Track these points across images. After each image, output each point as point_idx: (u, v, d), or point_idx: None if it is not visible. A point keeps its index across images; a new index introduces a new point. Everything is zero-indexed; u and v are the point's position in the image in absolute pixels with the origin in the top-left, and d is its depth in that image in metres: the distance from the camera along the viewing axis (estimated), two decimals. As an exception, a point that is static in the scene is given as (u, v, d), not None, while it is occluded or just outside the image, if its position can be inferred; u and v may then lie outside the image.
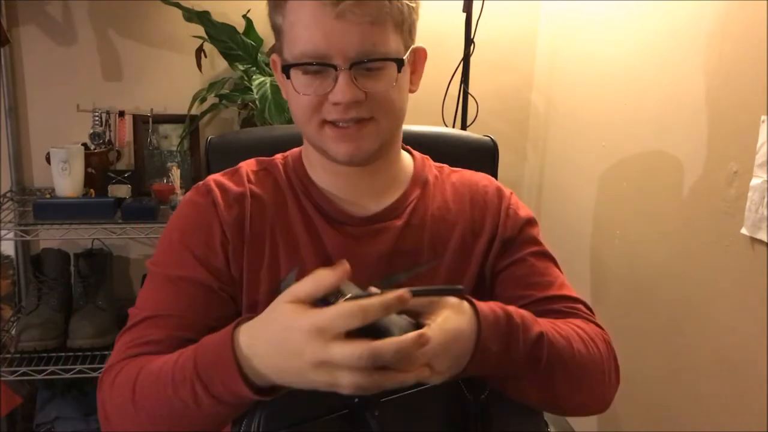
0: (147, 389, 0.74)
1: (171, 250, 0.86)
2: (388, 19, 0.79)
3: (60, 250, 1.77)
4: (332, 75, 0.78)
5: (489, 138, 1.21)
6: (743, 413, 1.22)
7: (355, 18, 0.76)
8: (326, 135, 0.82)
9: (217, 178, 0.90)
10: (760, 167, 1.15)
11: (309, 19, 0.77)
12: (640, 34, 1.53)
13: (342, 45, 0.77)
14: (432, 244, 0.91)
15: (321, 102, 0.80)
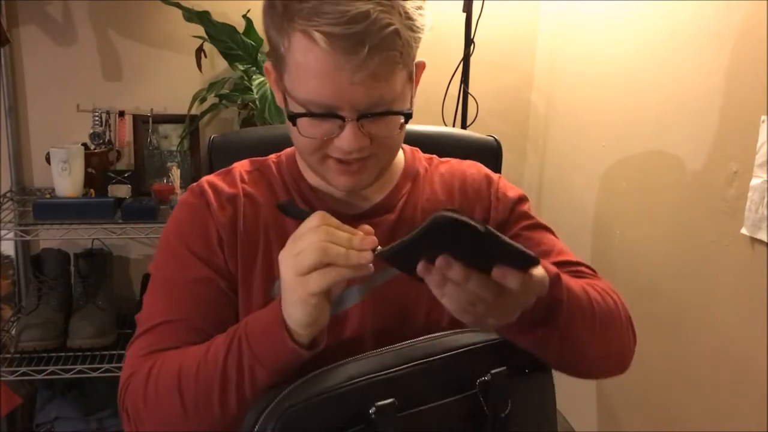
0: (193, 379, 0.74)
1: (172, 253, 0.86)
2: (399, 67, 0.76)
3: (60, 250, 1.77)
4: (337, 121, 0.76)
5: (492, 138, 1.22)
6: (743, 413, 1.22)
7: (368, 72, 0.72)
8: (328, 167, 0.82)
9: (210, 179, 0.90)
10: (760, 167, 1.15)
11: (321, 67, 0.72)
12: (640, 34, 1.53)
13: (352, 99, 0.74)
14: None
15: (325, 143, 0.79)
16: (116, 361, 1.63)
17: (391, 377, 0.72)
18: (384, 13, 0.71)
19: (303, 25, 0.71)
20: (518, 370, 0.76)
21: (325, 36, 0.70)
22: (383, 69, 0.73)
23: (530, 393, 0.77)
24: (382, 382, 0.71)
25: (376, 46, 0.71)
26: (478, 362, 0.76)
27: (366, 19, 0.70)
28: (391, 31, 0.72)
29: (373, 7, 0.71)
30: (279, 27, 0.75)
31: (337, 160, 0.80)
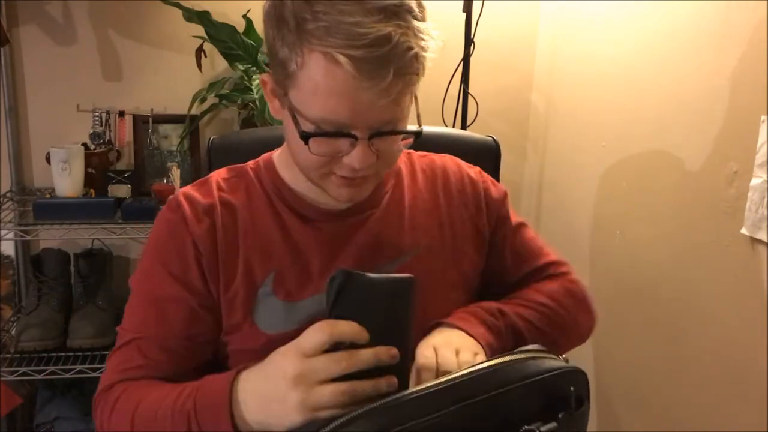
0: (146, 423, 0.77)
1: (150, 269, 0.86)
2: (414, 88, 0.77)
3: (60, 250, 1.77)
4: (349, 140, 0.76)
5: (491, 138, 1.22)
6: (743, 413, 1.22)
7: (388, 95, 0.72)
8: (330, 181, 0.81)
9: (186, 191, 0.89)
10: (760, 167, 1.15)
11: (342, 88, 0.71)
12: (640, 34, 1.53)
13: (368, 119, 0.74)
14: (412, 232, 0.92)
15: (333, 159, 0.78)
16: (116, 361, 1.62)
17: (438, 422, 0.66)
18: (404, 36, 0.71)
19: (323, 46, 0.70)
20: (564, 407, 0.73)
21: (350, 59, 0.69)
22: (402, 91, 0.74)
23: (573, 426, 0.74)
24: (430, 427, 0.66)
25: (399, 70, 0.71)
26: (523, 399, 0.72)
27: (389, 42, 0.69)
28: (412, 54, 0.72)
29: (394, 29, 0.70)
30: (291, 43, 0.73)
31: (341, 175, 0.79)
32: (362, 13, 0.69)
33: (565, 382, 0.74)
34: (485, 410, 0.69)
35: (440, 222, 0.94)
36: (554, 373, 0.73)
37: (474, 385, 0.71)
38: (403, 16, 0.71)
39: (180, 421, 0.74)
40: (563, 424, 0.72)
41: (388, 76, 0.70)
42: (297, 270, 0.86)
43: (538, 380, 0.72)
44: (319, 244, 0.87)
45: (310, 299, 0.85)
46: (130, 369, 0.83)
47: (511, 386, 0.71)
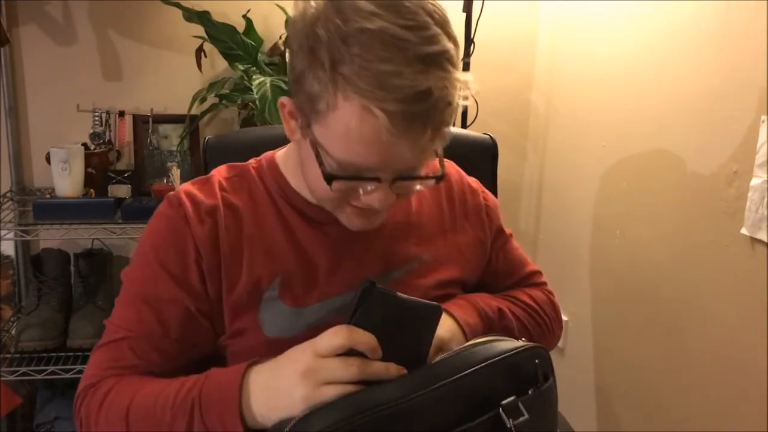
0: (143, 415, 0.75)
1: (144, 265, 0.83)
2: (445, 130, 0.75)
3: (60, 250, 1.77)
4: (371, 182, 0.74)
5: (488, 136, 1.21)
6: (743, 413, 1.22)
7: (423, 149, 0.71)
8: (344, 211, 0.80)
9: (188, 189, 0.86)
10: (760, 167, 1.15)
11: (372, 138, 0.68)
12: (640, 34, 1.53)
13: (396, 167, 0.72)
14: (418, 240, 0.91)
15: (351, 194, 0.77)
16: (116, 361, 1.62)
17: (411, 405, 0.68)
18: (444, 90, 0.68)
19: (360, 96, 0.67)
20: (532, 384, 0.75)
21: (387, 114, 0.66)
22: (435, 143, 0.73)
23: (543, 402, 0.76)
24: (405, 411, 0.67)
25: (437, 126, 0.70)
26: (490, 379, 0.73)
27: (429, 98, 0.67)
28: (451, 108, 0.71)
29: (434, 83, 0.67)
30: (323, 82, 0.69)
31: (357, 207, 0.78)
32: (402, 61, 0.66)
33: (528, 358, 0.76)
34: (454, 392, 0.71)
35: (444, 230, 0.94)
36: (517, 352, 0.76)
37: (439, 369, 0.73)
38: (443, 65, 0.69)
39: (182, 411, 0.72)
40: (534, 401, 0.74)
41: (426, 133, 0.69)
42: (303, 273, 0.84)
43: (502, 359, 0.74)
44: (325, 248, 0.85)
45: (318, 305, 0.84)
46: (120, 367, 0.80)
47: (477, 367, 0.73)
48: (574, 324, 1.84)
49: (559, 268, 1.92)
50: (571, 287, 1.83)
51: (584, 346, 1.78)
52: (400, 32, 0.66)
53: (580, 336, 1.80)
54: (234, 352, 0.85)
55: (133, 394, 0.76)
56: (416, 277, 0.89)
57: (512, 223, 1.01)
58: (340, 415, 0.65)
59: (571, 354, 1.84)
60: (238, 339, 0.83)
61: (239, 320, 0.82)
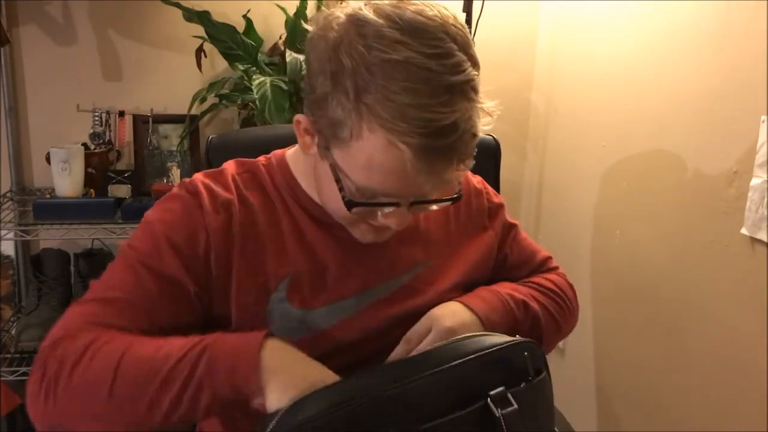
0: (137, 364, 0.69)
1: (151, 238, 0.80)
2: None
3: (60, 250, 1.77)
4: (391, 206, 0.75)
5: (491, 137, 1.22)
6: (743, 413, 1.22)
7: (445, 182, 0.72)
8: (358, 227, 0.81)
9: (203, 180, 0.84)
10: (760, 167, 1.15)
11: (397, 169, 0.68)
12: (640, 34, 1.53)
13: (415, 192, 0.73)
14: (425, 244, 0.92)
15: (368, 215, 0.77)
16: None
17: (399, 392, 0.68)
18: (469, 122, 0.69)
19: (385, 130, 0.66)
20: (523, 378, 0.76)
21: (412, 149, 0.66)
22: (460, 174, 0.73)
23: (535, 396, 0.77)
24: (392, 398, 0.68)
25: (462, 158, 0.70)
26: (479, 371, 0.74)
27: (454, 132, 0.67)
28: (476, 140, 0.71)
29: (460, 115, 0.67)
30: (347, 110, 0.68)
31: (372, 225, 0.79)
32: (428, 93, 0.66)
33: (518, 352, 0.76)
34: (443, 382, 0.71)
35: (450, 233, 0.94)
36: (506, 345, 0.76)
37: (427, 358, 0.73)
38: (468, 94, 0.69)
39: (187, 359, 0.68)
40: (525, 394, 0.74)
41: (451, 167, 0.70)
42: (312, 276, 0.83)
43: (491, 352, 0.74)
44: (333, 250, 0.85)
45: (325, 308, 0.83)
46: (105, 324, 0.74)
47: (466, 358, 0.72)
48: (574, 324, 1.84)
49: (559, 268, 1.92)
50: (571, 287, 1.83)
51: (584, 346, 1.78)
52: (425, 62, 0.66)
53: (580, 336, 1.80)
54: None
55: (129, 344, 0.71)
56: (423, 282, 0.89)
57: (512, 223, 1.03)
58: (328, 402, 0.65)
59: (571, 354, 1.84)
60: None
61: (246, 319, 0.81)
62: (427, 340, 0.82)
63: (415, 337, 0.83)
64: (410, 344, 0.83)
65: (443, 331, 0.82)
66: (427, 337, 0.82)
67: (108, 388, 0.69)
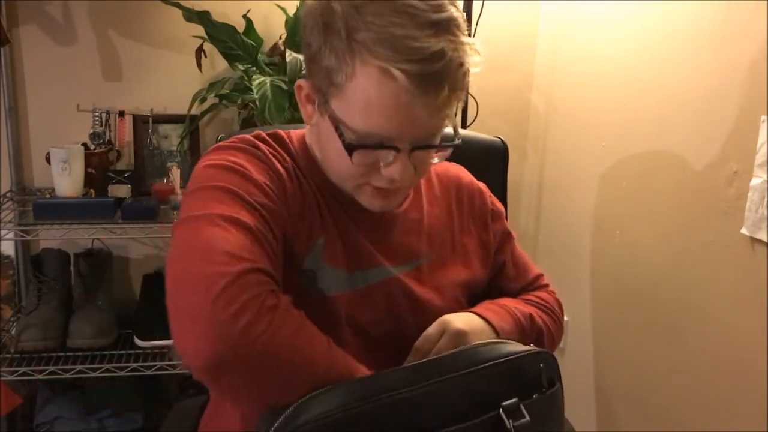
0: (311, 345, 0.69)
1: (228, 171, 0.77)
2: (460, 103, 0.78)
3: (60, 250, 1.77)
4: (390, 152, 0.76)
5: (499, 139, 1.22)
6: (743, 413, 1.22)
7: (442, 112, 0.74)
8: (364, 191, 0.82)
9: (251, 140, 0.83)
10: (760, 167, 1.15)
11: (392, 102, 0.71)
12: (640, 34, 1.53)
13: (414, 134, 0.75)
14: (429, 239, 0.93)
15: (371, 170, 0.79)
16: (116, 361, 1.62)
17: (411, 396, 0.68)
18: (456, 52, 0.72)
19: (378, 59, 0.69)
20: (536, 389, 0.75)
21: (406, 75, 0.69)
22: (452, 107, 0.75)
23: (548, 407, 0.77)
24: (403, 402, 0.68)
25: (453, 86, 0.72)
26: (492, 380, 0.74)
27: (443, 57, 0.70)
28: (464, 70, 0.73)
29: (446, 45, 0.70)
30: (340, 53, 0.72)
31: (376, 186, 0.80)
32: (414, 26, 0.70)
33: (533, 363, 0.76)
34: (456, 389, 0.71)
35: (452, 231, 0.96)
36: (521, 355, 0.76)
37: (441, 364, 0.73)
38: (452, 30, 0.72)
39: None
40: (537, 405, 0.74)
41: (443, 91, 0.71)
42: (337, 242, 0.85)
43: (506, 361, 0.74)
44: (349, 229, 0.87)
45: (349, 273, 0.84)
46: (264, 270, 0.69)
47: (479, 366, 0.72)
48: (574, 324, 1.84)
49: (559, 269, 1.92)
50: (571, 287, 1.83)
51: (584, 346, 1.78)
52: (410, 2, 0.71)
53: (580, 336, 1.80)
54: None
55: (330, 353, 0.70)
56: (424, 274, 0.91)
57: (512, 223, 1.01)
58: (337, 402, 0.65)
59: (571, 354, 1.84)
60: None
61: (288, 259, 0.80)
62: (440, 343, 0.83)
63: (427, 344, 0.84)
64: (422, 350, 0.83)
65: (454, 333, 0.83)
66: (439, 342, 0.83)
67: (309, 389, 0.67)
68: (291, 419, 0.65)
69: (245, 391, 0.67)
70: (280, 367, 0.65)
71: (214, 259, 0.66)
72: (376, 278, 0.87)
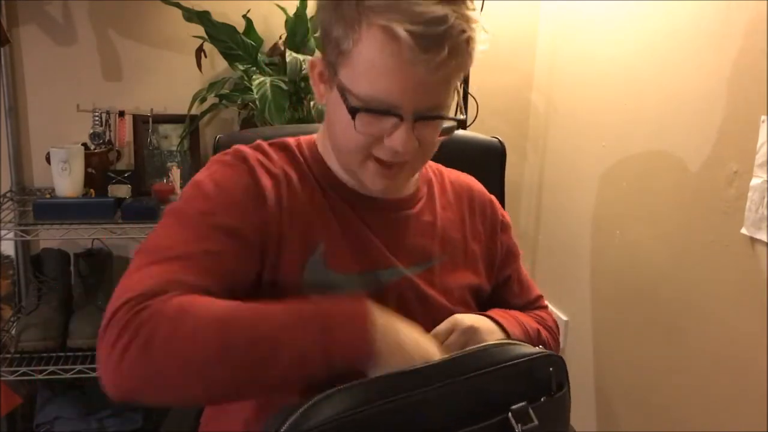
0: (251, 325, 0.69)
1: (205, 199, 0.80)
2: (462, 75, 0.80)
3: (60, 250, 1.77)
4: (394, 120, 0.77)
5: (497, 140, 1.22)
6: (743, 413, 1.22)
7: (437, 71, 0.75)
8: (368, 168, 0.83)
9: (245, 149, 0.86)
10: (760, 167, 1.15)
11: (394, 62, 0.74)
12: (640, 34, 1.53)
13: (416, 99, 0.76)
14: (441, 241, 0.94)
15: (374, 142, 0.80)
16: (116, 361, 1.62)
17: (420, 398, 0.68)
18: (459, 20, 0.74)
19: (383, 20, 0.73)
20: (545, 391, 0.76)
21: (409, 33, 0.72)
22: (453, 74, 0.77)
23: (556, 410, 0.77)
24: (413, 404, 0.68)
25: (453, 50, 0.74)
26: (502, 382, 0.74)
27: (445, 22, 0.73)
28: (466, 37, 0.75)
29: (450, 12, 0.74)
30: (348, 20, 0.75)
31: (378, 161, 0.81)
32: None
33: (544, 366, 0.76)
34: (467, 390, 0.71)
35: (464, 236, 0.97)
36: (532, 358, 0.76)
37: (451, 366, 0.73)
38: (458, 2, 0.75)
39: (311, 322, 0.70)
40: (545, 407, 0.74)
41: (443, 51, 0.73)
42: (343, 245, 0.85)
43: (518, 363, 0.75)
44: (359, 229, 0.88)
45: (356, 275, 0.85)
46: (182, 283, 0.71)
47: (491, 368, 0.73)
48: (574, 324, 1.84)
49: (558, 269, 1.92)
50: (571, 287, 1.83)
51: (584, 346, 1.78)
52: None
53: (579, 336, 1.80)
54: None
55: (228, 307, 0.70)
56: (435, 275, 0.92)
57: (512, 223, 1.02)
58: (348, 404, 0.65)
59: (570, 354, 1.84)
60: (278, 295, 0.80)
61: (282, 273, 0.81)
62: (451, 338, 0.84)
63: (435, 338, 0.84)
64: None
65: (465, 329, 0.84)
66: (450, 337, 0.84)
67: (218, 349, 0.67)
68: (301, 421, 0.65)
69: (173, 396, 0.70)
70: (179, 368, 0.67)
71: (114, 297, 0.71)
72: (388, 279, 0.87)
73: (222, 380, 0.68)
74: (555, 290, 1.94)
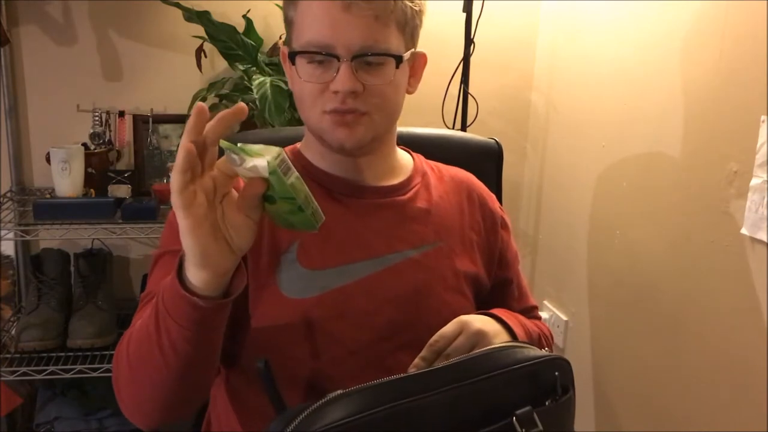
0: (136, 342, 0.76)
1: (171, 226, 0.87)
2: (392, 18, 0.82)
3: (60, 250, 1.77)
4: (335, 66, 0.82)
5: (494, 140, 1.22)
6: (743, 413, 1.22)
7: (360, 12, 0.80)
8: (325, 121, 0.85)
9: None
10: (760, 167, 1.15)
11: (318, 11, 0.81)
12: (640, 35, 1.53)
13: (346, 37, 0.81)
14: (436, 227, 0.94)
15: (322, 91, 0.83)
16: (116, 361, 1.62)
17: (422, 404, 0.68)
18: None
19: None
20: (550, 396, 0.75)
21: None
22: (385, 14, 0.81)
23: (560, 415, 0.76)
24: (409, 411, 0.68)
25: None
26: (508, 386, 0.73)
27: None
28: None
29: None
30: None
31: (333, 112, 0.84)
32: None
33: (550, 369, 0.76)
34: (472, 394, 0.71)
35: (462, 225, 0.97)
36: (539, 361, 0.75)
37: (458, 370, 0.73)
38: None
39: (153, 319, 0.74)
40: (550, 412, 0.73)
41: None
42: (319, 240, 0.87)
43: (524, 367, 0.74)
44: (343, 218, 0.89)
45: (334, 270, 0.87)
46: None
47: (497, 372, 0.73)
48: (573, 324, 1.84)
49: (558, 268, 1.92)
50: (571, 287, 1.83)
51: (584, 346, 1.78)
52: None
53: (579, 336, 1.80)
54: (256, 320, 0.85)
55: (131, 329, 0.80)
56: (432, 260, 0.92)
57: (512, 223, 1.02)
58: (353, 408, 0.65)
59: (570, 354, 1.84)
60: (259, 302, 0.85)
61: (260, 279, 0.85)
62: (458, 341, 0.83)
63: (442, 341, 0.83)
64: (437, 347, 0.83)
65: (473, 333, 0.83)
66: (456, 340, 0.83)
67: (127, 363, 0.77)
68: (306, 425, 0.65)
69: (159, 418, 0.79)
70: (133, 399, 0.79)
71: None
72: (377, 267, 0.88)
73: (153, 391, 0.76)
74: (555, 290, 1.94)
